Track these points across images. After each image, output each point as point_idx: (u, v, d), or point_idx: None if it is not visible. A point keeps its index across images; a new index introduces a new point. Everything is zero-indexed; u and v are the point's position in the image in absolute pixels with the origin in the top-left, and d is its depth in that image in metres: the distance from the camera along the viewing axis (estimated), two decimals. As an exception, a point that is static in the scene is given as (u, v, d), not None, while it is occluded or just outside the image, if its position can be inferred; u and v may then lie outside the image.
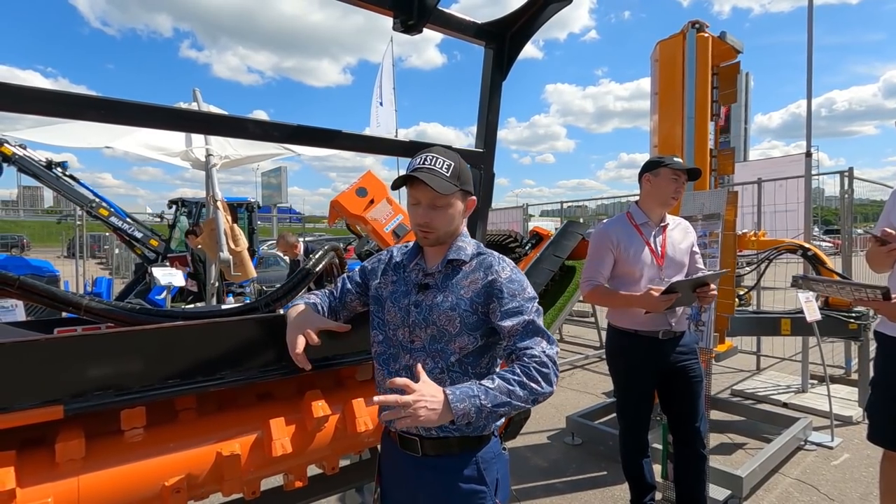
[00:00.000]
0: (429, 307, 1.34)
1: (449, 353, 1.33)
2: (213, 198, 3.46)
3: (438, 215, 1.32)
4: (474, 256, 1.39)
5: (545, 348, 1.27)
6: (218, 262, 3.26)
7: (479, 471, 1.34)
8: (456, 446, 1.34)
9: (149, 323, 1.72)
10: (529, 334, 1.29)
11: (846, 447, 3.60)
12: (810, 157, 4.65)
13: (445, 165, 1.30)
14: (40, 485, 1.29)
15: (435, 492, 1.35)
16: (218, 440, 1.57)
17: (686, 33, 3.30)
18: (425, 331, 1.34)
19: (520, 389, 1.20)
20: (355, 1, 1.89)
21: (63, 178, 6.55)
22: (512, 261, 1.40)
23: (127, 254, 14.30)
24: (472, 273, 1.35)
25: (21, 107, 1.28)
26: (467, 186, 1.37)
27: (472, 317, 1.32)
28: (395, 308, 1.39)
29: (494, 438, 1.40)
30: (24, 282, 1.63)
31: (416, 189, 1.32)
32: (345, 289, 1.57)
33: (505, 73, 2.28)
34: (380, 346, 1.45)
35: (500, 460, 1.40)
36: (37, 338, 1.43)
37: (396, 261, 1.48)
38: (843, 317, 3.91)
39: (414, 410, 1.11)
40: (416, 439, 1.36)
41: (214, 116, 1.53)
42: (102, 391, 1.37)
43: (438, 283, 1.36)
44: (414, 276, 1.41)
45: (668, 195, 2.37)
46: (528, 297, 1.34)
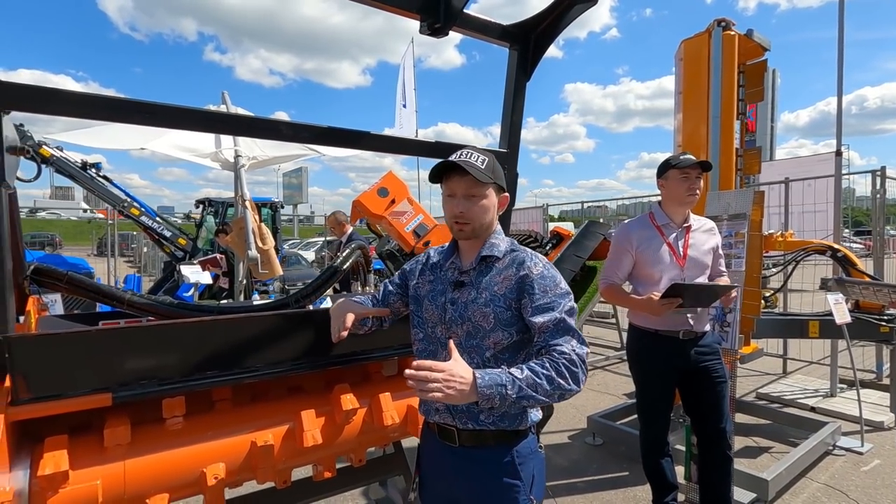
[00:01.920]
0: (464, 304, 1.36)
1: (484, 349, 1.35)
2: (241, 197, 3.57)
3: (473, 206, 1.35)
4: (507, 253, 1.40)
5: (575, 347, 1.27)
6: (246, 259, 3.36)
7: (515, 465, 1.35)
8: (491, 439, 1.35)
9: (187, 317, 1.80)
10: (560, 332, 1.29)
11: (877, 453, 3.52)
12: (840, 156, 4.54)
13: (480, 159, 1.34)
14: (90, 468, 1.38)
15: (471, 483, 1.37)
16: (252, 430, 1.64)
17: (712, 31, 3.27)
18: (461, 327, 1.36)
19: (546, 384, 1.20)
20: (383, 5, 1.94)
21: (97, 178, 6.80)
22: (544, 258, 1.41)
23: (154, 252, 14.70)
24: (506, 269, 1.37)
25: (77, 111, 1.36)
26: (501, 182, 1.40)
27: (505, 312, 1.34)
28: (433, 306, 1.42)
29: (531, 435, 1.40)
30: (72, 277, 1.72)
31: (451, 181, 1.36)
32: (387, 291, 1.60)
33: (529, 74, 2.30)
34: (420, 344, 1.48)
35: (537, 458, 1.41)
36: (90, 329, 1.51)
37: (433, 261, 1.51)
38: (875, 319, 3.81)
39: (441, 387, 1.11)
40: (453, 430, 1.38)
41: (249, 119, 1.59)
42: (147, 381, 1.45)
43: (473, 280, 1.39)
44: (450, 274, 1.44)
45: (682, 195, 2.35)
46: (560, 294, 1.33)
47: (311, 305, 2.07)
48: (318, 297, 2.09)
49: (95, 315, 1.85)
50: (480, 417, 1.34)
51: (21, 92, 1.33)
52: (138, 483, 1.43)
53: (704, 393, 2.45)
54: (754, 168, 3.71)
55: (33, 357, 1.28)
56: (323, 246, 17.62)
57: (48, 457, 1.30)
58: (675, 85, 3.69)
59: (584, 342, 1.30)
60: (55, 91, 1.37)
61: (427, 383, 1.10)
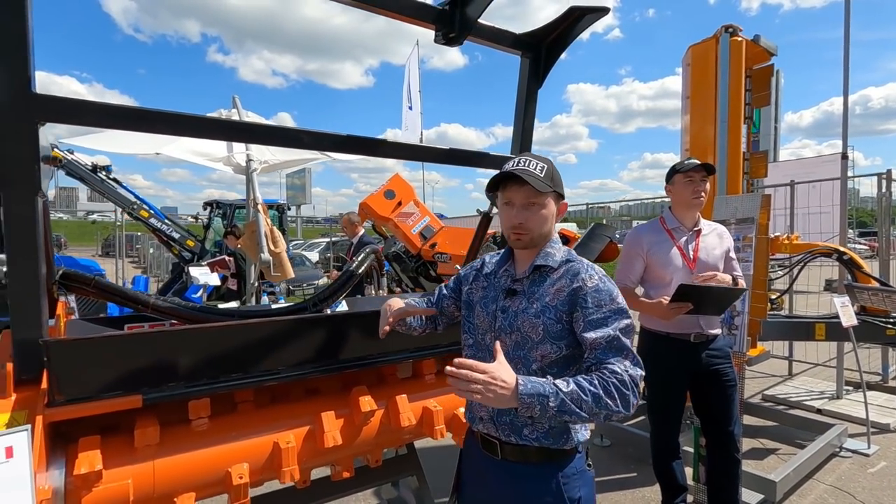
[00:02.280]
0: (514, 313, 1.33)
1: (531, 361, 1.30)
2: (254, 201, 3.62)
3: (532, 215, 1.31)
4: (563, 263, 1.35)
5: (628, 367, 1.19)
6: (259, 262, 3.41)
7: (559, 486, 1.29)
8: (535, 455, 1.30)
9: (209, 321, 1.85)
10: (613, 350, 1.22)
11: (884, 455, 3.54)
12: (846, 159, 4.56)
13: (539, 167, 1.30)
14: (121, 467, 1.42)
15: (513, 495, 1.32)
16: (274, 431, 1.68)
17: (719, 37, 3.30)
18: (510, 336, 1.32)
19: (592, 402, 1.13)
20: (399, 15, 1.99)
21: (107, 181, 6.87)
22: (600, 268, 1.35)
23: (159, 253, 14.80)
24: (559, 280, 1.32)
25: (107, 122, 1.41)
26: (560, 189, 1.35)
27: (555, 325, 1.28)
28: (484, 313, 1.40)
29: (579, 454, 1.33)
30: (99, 281, 1.77)
31: (509, 190, 1.32)
32: (441, 294, 1.60)
33: (541, 81, 2.35)
34: (469, 350, 1.45)
35: (584, 477, 1.33)
36: (122, 333, 1.56)
37: (488, 267, 1.49)
38: (881, 322, 3.84)
39: (481, 388, 1.07)
40: (496, 442, 1.34)
41: (272, 129, 1.64)
42: (175, 383, 1.49)
43: (525, 289, 1.35)
44: (503, 281, 1.41)
45: (688, 197, 2.39)
46: (615, 309, 1.26)
47: (329, 309, 2.12)
48: (335, 301, 2.13)
49: (120, 319, 1.90)
50: (524, 432, 1.29)
51: (56, 104, 1.37)
52: (167, 482, 1.47)
53: (714, 396, 2.48)
54: (761, 171, 3.74)
55: (69, 360, 1.33)
56: (327, 247, 17.69)
57: (83, 456, 1.34)
58: (682, 89, 3.73)
59: (638, 363, 1.23)
60: (87, 103, 1.42)
61: (467, 383, 1.07)
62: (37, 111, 1.33)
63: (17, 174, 1.30)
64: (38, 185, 1.34)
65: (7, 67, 1.25)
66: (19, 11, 1.25)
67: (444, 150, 2.09)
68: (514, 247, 1.39)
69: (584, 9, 2.10)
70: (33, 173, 1.33)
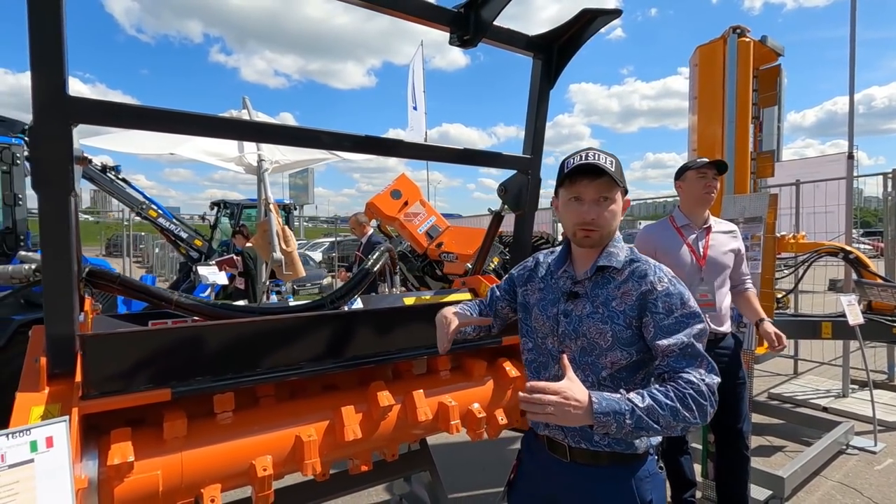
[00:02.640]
0: (578, 318, 1.27)
1: (600, 368, 1.25)
2: (266, 200, 3.67)
3: (604, 211, 1.24)
4: (627, 264, 1.28)
5: (704, 376, 1.14)
6: (271, 261, 3.46)
7: (631, 489, 1.25)
8: (606, 459, 1.26)
9: (231, 317, 1.89)
10: (687, 357, 1.16)
11: (890, 452, 3.57)
12: (852, 159, 4.58)
13: (609, 161, 1.23)
14: (151, 458, 1.46)
15: (583, 497, 1.29)
16: (296, 425, 1.72)
17: (727, 38, 3.33)
18: (575, 342, 1.27)
19: (670, 416, 1.08)
20: (416, 18, 2.02)
21: (116, 181, 6.93)
22: (667, 268, 1.29)
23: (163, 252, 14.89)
24: (625, 283, 1.25)
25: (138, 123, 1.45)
26: (625, 185, 1.28)
27: (625, 332, 1.22)
28: (543, 316, 1.34)
29: (651, 457, 1.30)
30: (125, 279, 1.82)
31: (580, 184, 1.24)
32: (494, 297, 1.55)
33: (552, 82, 2.38)
34: (529, 354, 1.41)
35: (655, 480, 1.29)
36: (153, 329, 1.60)
37: (543, 267, 1.43)
38: (888, 321, 3.86)
39: (554, 412, 1.04)
40: (564, 446, 1.31)
41: (295, 129, 1.67)
42: (202, 377, 1.53)
43: (588, 292, 1.28)
44: (562, 283, 1.34)
45: (699, 192, 2.42)
46: (687, 314, 1.19)
47: (346, 306, 2.16)
48: (351, 299, 2.17)
49: (144, 315, 1.94)
50: (595, 438, 1.26)
51: (89, 106, 1.42)
52: (194, 474, 1.51)
53: (723, 393, 2.50)
54: (767, 171, 3.76)
55: (104, 354, 1.37)
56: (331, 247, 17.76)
57: (115, 448, 1.38)
58: (689, 89, 3.76)
59: (714, 369, 1.17)
60: (118, 105, 1.46)
61: (541, 406, 1.04)
62: (71, 113, 1.37)
63: (54, 174, 1.35)
64: (72, 185, 1.39)
65: (45, 73, 1.30)
66: (56, 22, 1.29)
67: (459, 150, 2.13)
68: (582, 245, 1.30)
69: (596, 11, 2.14)
70: (68, 173, 1.37)
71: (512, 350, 2.31)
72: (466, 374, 2.16)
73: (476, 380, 2.14)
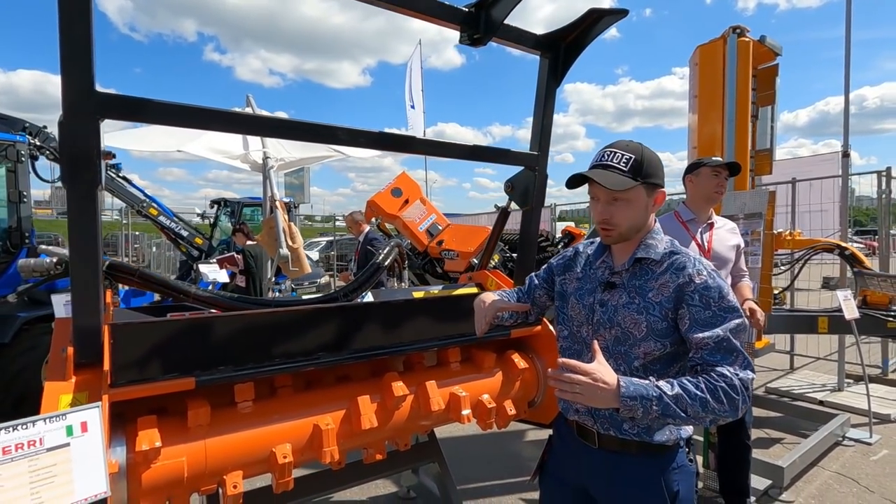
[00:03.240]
0: (614, 307, 1.28)
1: (633, 358, 1.26)
2: (272, 198, 3.70)
3: (618, 211, 1.27)
4: (666, 256, 1.28)
5: (738, 370, 1.14)
6: (277, 258, 3.49)
7: (658, 479, 1.26)
8: (635, 448, 1.27)
9: (246, 310, 1.93)
10: (722, 352, 1.16)
11: (885, 444, 3.65)
12: (848, 157, 4.66)
13: (624, 160, 1.25)
14: (176, 445, 1.50)
15: (610, 487, 1.31)
16: (313, 414, 1.76)
17: (727, 38, 3.40)
18: (609, 331, 1.29)
19: (699, 406, 1.09)
20: (428, 17, 2.06)
21: (117, 179, 6.93)
22: (707, 261, 1.28)
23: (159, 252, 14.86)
24: (663, 275, 1.25)
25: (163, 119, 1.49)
26: (652, 179, 1.27)
27: (660, 323, 1.23)
28: (580, 305, 1.36)
29: (680, 450, 1.30)
30: (144, 272, 1.85)
31: (593, 185, 1.28)
32: (532, 285, 1.58)
33: (559, 81, 2.42)
34: (564, 342, 1.43)
35: (684, 472, 1.29)
36: (178, 319, 1.64)
37: (582, 257, 1.46)
38: (882, 315, 3.95)
39: (582, 391, 1.07)
40: (593, 432, 1.32)
41: (313, 126, 1.71)
42: (224, 366, 1.57)
43: (625, 283, 1.30)
44: (600, 273, 1.36)
45: (710, 191, 2.48)
46: (725, 307, 1.19)
47: (360, 298, 2.20)
48: (364, 292, 2.22)
49: (162, 307, 1.98)
50: (624, 426, 1.27)
51: (116, 102, 1.45)
52: (217, 461, 1.55)
53: None
54: (765, 169, 3.84)
55: (132, 343, 1.41)
56: (328, 246, 17.75)
57: (143, 434, 1.42)
58: (689, 88, 3.82)
59: (749, 365, 1.17)
60: (144, 101, 1.50)
61: (570, 384, 1.08)
62: (99, 108, 1.40)
63: (83, 168, 1.38)
64: (99, 179, 1.42)
65: (76, 70, 1.33)
66: (86, 20, 1.33)
67: (470, 147, 2.17)
68: (605, 242, 1.36)
69: (602, 10, 2.18)
70: (96, 167, 1.41)
71: (520, 342, 2.36)
72: (476, 366, 2.21)
73: (486, 371, 2.19)
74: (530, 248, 2.58)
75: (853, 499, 2.91)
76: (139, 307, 2.00)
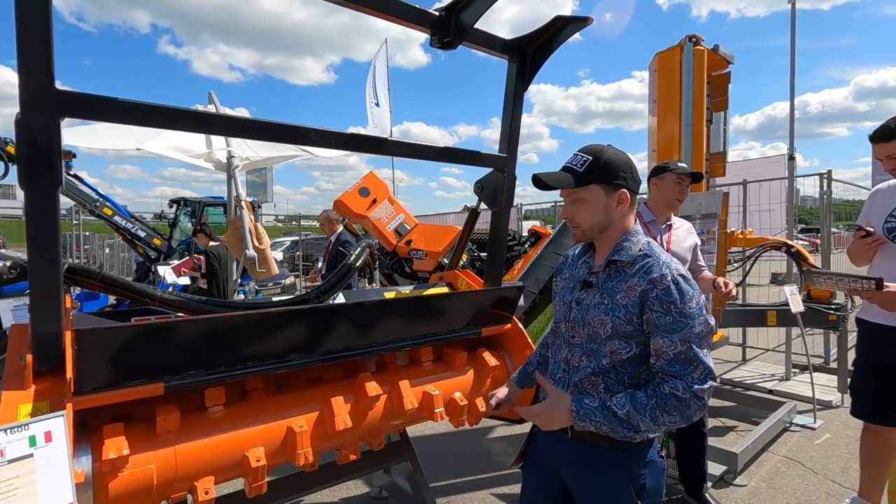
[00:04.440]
0: (587, 306, 1.33)
1: (601, 356, 1.30)
2: (237, 198, 3.61)
3: (577, 210, 1.34)
4: (639, 259, 1.30)
5: (693, 382, 1.16)
6: (244, 259, 3.42)
7: (626, 471, 1.29)
8: (604, 441, 1.30)
9: (215, 313, 1.89)
10: (680, 362, 1.18)
11: (827, 428, 3.91)
12: (793, 160, 4.96)
13: (581, 161, 1.32)
14: (145, 453, 1.47)
15: (579, 475, 1.37)
16: (286, 417, 1.75)
17: (683, 46, 3.56)
18: (582, 329, 1.34)
19: (650, 422, 1.16)
20: (395, 18, 2.08)
21: (68, 177, 6.57)
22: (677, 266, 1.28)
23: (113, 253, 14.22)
24: (633, 277, 1.28)
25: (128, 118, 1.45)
26: (612, 179, 1.30)
27: (625, 326, 1.26)
28: (561, 302, 1.43)
29: (651, 444, 1.34)
30: (105, 275, 1.78)
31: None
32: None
33: (527, 84, 2.48)
34: (550, 336, 1.53)
35: (653, 467, 1.32)
36: (146, 323, 1.59)
37: (572, 257, 1.52)
38: (824, 308, 4.23)
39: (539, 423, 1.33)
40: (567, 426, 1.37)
41: (282, 126, 1.69)
42: (194, 371, 1.54)
43: (600, 283, 1.34)
44: (581, 272, 1.42)
45: (672, 197, 2.60)
46: (686, 314, 1.19)
47: (332, 300, 2.19)
48: (335, 293, 2.21)
49: (126, 312, 1.91)
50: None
51: (77, 100, 1.40)
52: (188, 467, 1.52)
53: None
54: (719, 171, 4.04)
55: (97, 349, 1.36)
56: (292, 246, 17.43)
57: (109, 442, 1.38)
58: (649, 93, 3.98)
59: (708, 375, 1.18)
60: (106, 99, 1.45)
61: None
62: (59, 107, 1.36)
63: (42, 168, 1.33)
64: (59, 179, 1.37)
65: (33, 66, 1.28)
66: (43, 15, 1.28)
67: (440, 149, 2.20)
68: (573, 240, 1.43)
69: (567, 18, 2.25)
70: (55, 167, 1.36)
71: (491, 341, 2.41)
72: (448, 365, 2.24)
73: (457, 370, 2.23)
74: (500, 247, 2.62)
75: (799, 480, 3.11)
76: (96, 312, 1.92)
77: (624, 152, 1.38)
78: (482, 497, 2.94)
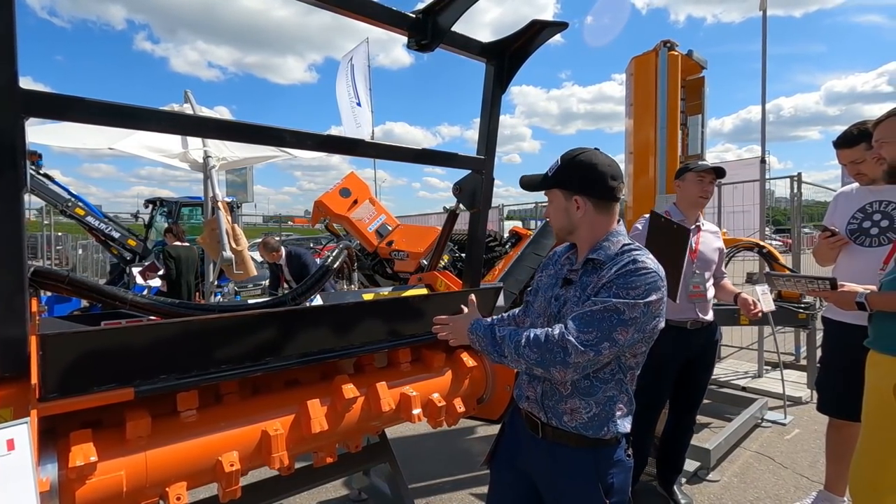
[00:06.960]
0: (564, 301, 1.38)
1: None
2: (213, 198, 3.56)
3: (549, 210, 1.46)
4: (612, 258, 1.33)
5: (571, 332, 1.22)
6: (220, 261, 3.36)
7: (594, 471, 1.32)
8: (573, 441, 1.34)
9: (189, 316, 1.86)
10: (584, 318, 1.24)
11: (797, 423, 4.03)
12: (765, 163, 5.09)
13: (554, 165, 1.41)
14: (113, 459, 1.44)
15: (549, 476, 1.39)
16: (261, 420, 1.74)
17: (658, 51, 3.63)
18: (557, 323, 1.34)
19: (513, 348, 1.29)
20: (373, 21, 2.08)
21: (37, 176, 6.38)
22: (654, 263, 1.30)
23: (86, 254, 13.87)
24: (605, 272, 1.32)
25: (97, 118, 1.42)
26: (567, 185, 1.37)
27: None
28: (542, 298, 1.48)
29: (619, 444, 1.36)
30: (73, 278, 1.75)
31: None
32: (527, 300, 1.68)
33: (504, 87, 2.50)
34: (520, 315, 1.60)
35: (620, 467, 1.35)
36: (116, 327, 1.56)
37: (558, 254, 1.56)
38: (794, 307, 4.35)
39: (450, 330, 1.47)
40: (538, 422, 1.41)
41: (257, 127, 1.68)
42: (166, 375, 1.52)
43: (577, 280, 1.38)
44: (563, 270, 1.47)
45: (696, 195, 2.59)
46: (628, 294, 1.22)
47: (308, 302, 2.18)
48: (312, 295, 2.20)
49: (96, 316, 1.87)
50: (564, 419, 1.35)
51: (42, 99, 1.37)
52: (159, 473, 1.50)
53: (695, 382, 2.74)
54: (695, 173, 4.11)
55: (64, 354, 1.33)
56: (273, 246, 17.18)
57: (76, 449, 1.35)
58: (626, 96, 4.04)
59: (592, 347, 1.21)
60: (73, 99, 1.42)
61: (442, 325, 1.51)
62: (23, 106, 1.32)
63: (4, 169, 1.30)
64: (24, 181, 1.34)
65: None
66: (8, 11, 1.25)
67: (418, 151, 2.21)
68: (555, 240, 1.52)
69: (544, 22, 2.28)
70: (19, 168, 1.32)
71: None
72: (426, 366, 2.25)
73: (435, 371, 2.23)
74: (478, 248, 2.64)
75: (770, 475, 3.20)
76: (66, 315, 1.88)
77: (606, 157, 1.39)
78: (462, 497, 2.95)
